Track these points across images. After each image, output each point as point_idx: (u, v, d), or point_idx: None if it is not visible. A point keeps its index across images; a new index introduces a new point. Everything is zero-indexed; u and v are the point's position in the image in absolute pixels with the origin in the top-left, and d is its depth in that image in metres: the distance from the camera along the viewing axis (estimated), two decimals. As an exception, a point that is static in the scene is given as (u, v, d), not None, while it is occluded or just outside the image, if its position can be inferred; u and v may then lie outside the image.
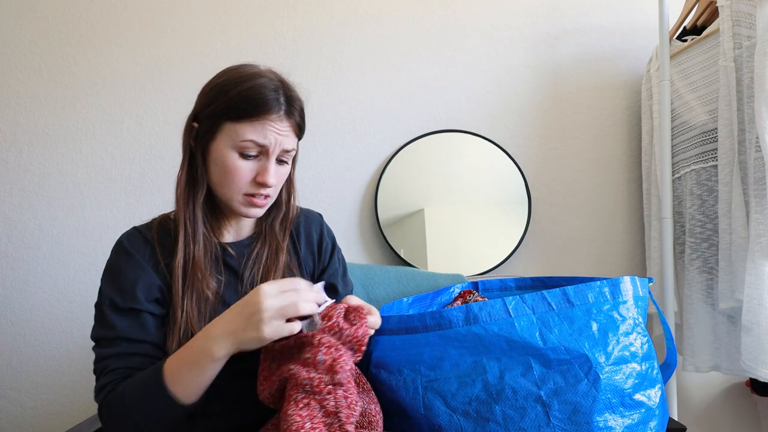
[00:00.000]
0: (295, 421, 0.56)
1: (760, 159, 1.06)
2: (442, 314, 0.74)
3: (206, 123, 0.75)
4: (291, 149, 0.77)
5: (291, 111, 0.75)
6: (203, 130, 0.75)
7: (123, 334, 0.71)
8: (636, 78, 1.55)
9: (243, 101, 0.72)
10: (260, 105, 0.72)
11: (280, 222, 0.85)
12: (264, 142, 0.73)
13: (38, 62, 1.45)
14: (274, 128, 0.73)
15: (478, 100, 1.53)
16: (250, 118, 0.72)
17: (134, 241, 0.77)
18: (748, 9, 1.09)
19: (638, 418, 0.69)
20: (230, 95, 0.73)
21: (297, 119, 0.77)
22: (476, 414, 0.69)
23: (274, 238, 0.84)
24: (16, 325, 1.40)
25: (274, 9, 1.50)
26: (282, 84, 0.76)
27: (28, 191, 1.43)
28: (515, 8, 1.55)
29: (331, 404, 0.59)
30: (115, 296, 0.72)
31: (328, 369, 0.60)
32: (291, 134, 0.76)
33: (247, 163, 0.74)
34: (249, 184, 0.75)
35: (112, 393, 0.67)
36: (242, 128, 0.72)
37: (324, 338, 0.63)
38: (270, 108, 0.72)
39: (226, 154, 0.73)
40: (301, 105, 0.78)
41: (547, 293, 0.72)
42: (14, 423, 1.39)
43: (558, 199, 1.53)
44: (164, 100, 1.47)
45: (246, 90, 0.73)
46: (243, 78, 0.74)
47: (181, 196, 0.77)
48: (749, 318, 1.06)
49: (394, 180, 1.47)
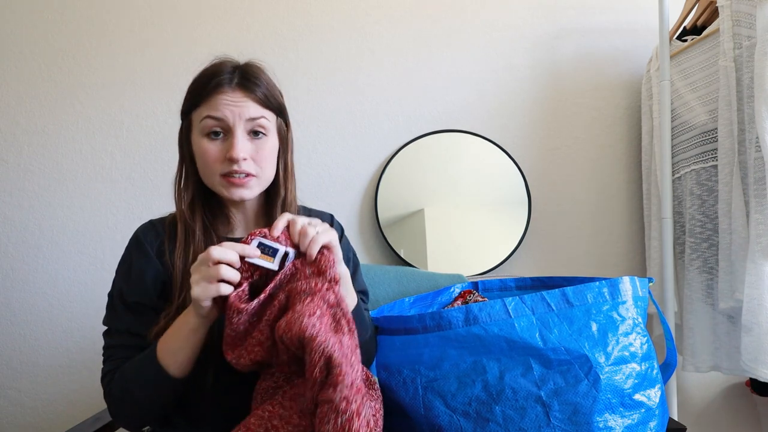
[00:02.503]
0: (307, 311, 0.61)
1: (760, 159, 1.06)
2: (442, 315, 0.74)
3: (184, 121, 0.81)
4: (257, 117, 0.77)
5: (246, 83, 0.77)
6: (184, 128, 0.81)
7: (129, 329, 0.75)
8: (636, 78, 1.55)
9: (196, 86, 0.77)
10: (210, 84, 0.76)
11: (280, 208, 0.85)
12: (218, 115, 0.75)
13: (38, 62, 1.44)
14: (227, 100, 0.75)
15: (478, 100, 1.53)
16: (205, 98, 0.76)
17: (147, 234, 0.81)
18: (748, 9, 1.08)
19: (638, 418, 0.69)
20: (190, 88, 0.79)
21: (258, 93, 0.77)
22: (476, 414, 0.70)
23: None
24: (16, 325, 1.40)
25: (274, 9, 1.50)
26: (245, 64, 0.80)
27: (28, 191, 1.43)
28: (515, 8, 1.55)
29: (332, 298, 0.64)
30: (124, 288, 0.77)
31: (318, 272, 0.66)
32: (251, 103, 0.76)
33: (215, 143, 0.76)
34: (222, 163, 0.76)
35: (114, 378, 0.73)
36: (201, 110, 0.76)
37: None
38: (220, 83, 0.75)
39: (198, 142, 0.77)
40: (267, 80, 0.80)
41: (547, 294, 0.72)
42: (14, 423, 1.39)
43: (558, 199, 1.53)
44: (164, 100, 1.46)
45: (201, 75, 0.78)
46: (202, 70, 0.79)
47: (176, 195, 0.82)
48: (749, 318, 1.06)
49: (394, 180, 1.47)
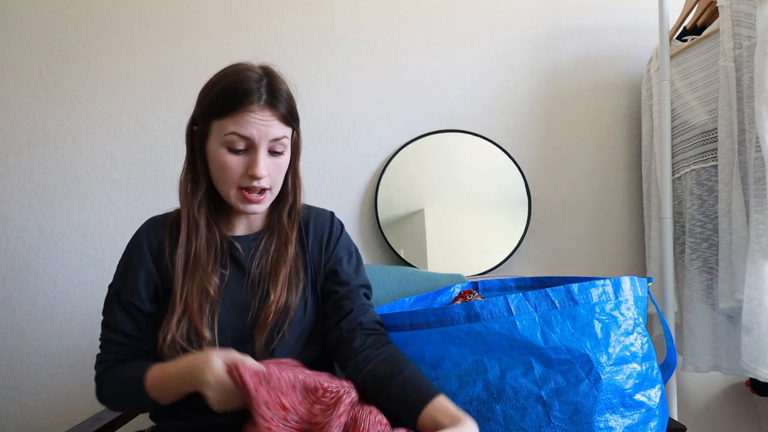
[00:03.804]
0: None
1: (760, 159, 1.06)
2: (445, 311, 0.74)
3: (200, 125, 0.78)
4: (281, 137, 0.77)
5: (273, 101, 0.75)
6: (199, 131, 0.78)
7: (122, 328, 0.78)
8: (636, 78, 1.55)
9: (223, 97, 0.74)
10: (239, 98, 0.73)
11: (287, 213, 0.85)
12: (246, 134, 0.74)
13: (38, 62, 1.44)
14: (255, 119, 0.73)
15: (478, 100, 1.53)
16: (232, 112, 0.73)
17: (148, 232, 0.82)
18: (748, 9, 1.09)
19: (638, 418, 0.69)
20: (213, 93, 0.76)
21: (282, 109, 0.76)
22: (477, 413, 0.70)
23: (283, 229, 0.84)
24: (16, 325, 1.40)
25: (274, 9, 1.50)
26: (266, 75, 0.77)
27: (28, 191, 1.42)
28: (515, 8, 1.55)
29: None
30: (119, 285, 0.79)
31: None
32: (276, 123, 0.76)
33: (237, 157, 0.75)
34: (241, 177, 0.76)
35: (107, 373, 0.76)
36: (226, 123, 0.74)
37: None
38: (249, 100, 0.73)
39: (217, 151, 0.75)
40: (288, 93, 0.78)
41: (551, 291, 0.72)
42: (14, 423, 1.39)
43: (558, 199, 1.53)
44: (164, 100, 1.46)
45: (226, 86, 0.75)
46: (225, 75, 0.77)
47: (182, 194, 0.81)
48: (749, 318, 1.06)
49: (394, 180, 1.47)
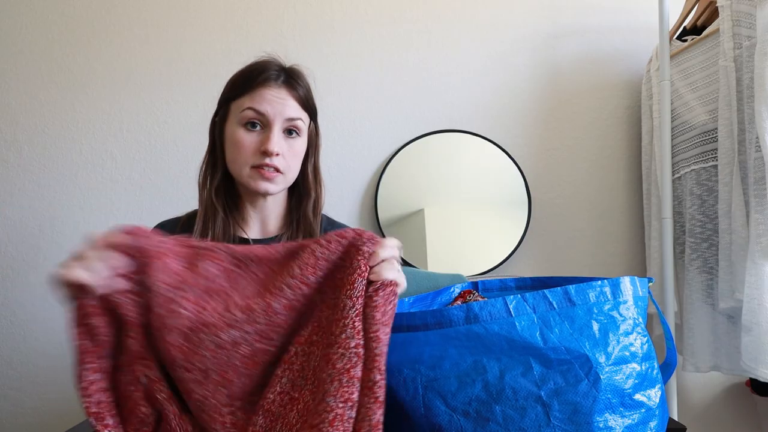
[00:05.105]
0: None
1: (760, 159, 1.06)
2: (443, 313, 0.74)
3: (221, 111, 0.82)
4: (296, 118, 0.79)
5: (291, 82, 0.79)
6: (219, 118, 0.82)
7: None
8: (636, 78, 1.55)
9: (242, 78, 0.79)
10: (256, 76, 0.77)
11: (312, 209, 0.86)
12: (261, 109, 0.76)
13: (38, 62, 1.44)
14: (271, 95, 0.76)
15: (478, 100, 1.53)
16: (249, 90, 0.77)
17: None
18: (748, 9, 1.08)
19: (638, 418, 0.69)
20: (234, 78, 0.80)
21: (300, 92, 0.80)
22: (476, 414, 0.70)
23: (308, 225, 0.85)
24: (16, 325, 1.40)
25: (274, 9, 1.50)
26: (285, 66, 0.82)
27: (28, 191, 1.42)
28: (515, 8, 1.55)
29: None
30: None
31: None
32: (292, 102, 0.79)
33: (252, 134, 0.78)
34: (254, 155, 0.78)
35: None
36: (243, 101, 0.78)
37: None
38: (267, 77, 0.77)
39: (234, 131, 0.78)
40: (307, 83, 0.82)
41: (549, 292, 0.72)
42: (14, 423, 1.39)
43: (558, 199, 1.53)
44: (164, 100, 1.46)
45: (246, 69, 0.80)
46: (248, 65, 0.81)
47: (201, 177, 0.83)
48: (749, 318, 1.06)
49: (394, 180, 1.47)
